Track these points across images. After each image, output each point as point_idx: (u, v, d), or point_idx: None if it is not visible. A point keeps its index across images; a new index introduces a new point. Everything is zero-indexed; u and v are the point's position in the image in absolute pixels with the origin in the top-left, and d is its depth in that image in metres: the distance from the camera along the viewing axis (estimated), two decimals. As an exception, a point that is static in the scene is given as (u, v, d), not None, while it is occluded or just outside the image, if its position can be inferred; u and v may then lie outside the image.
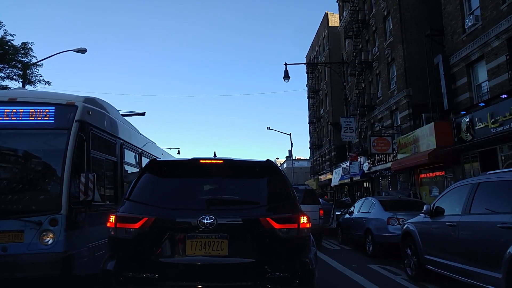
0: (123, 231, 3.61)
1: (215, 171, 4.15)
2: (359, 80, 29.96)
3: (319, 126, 46.74)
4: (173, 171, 4.29)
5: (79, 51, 19.89)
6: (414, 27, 22.60)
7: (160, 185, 4.10)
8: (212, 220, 3.49)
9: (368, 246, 9.91)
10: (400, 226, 8.87)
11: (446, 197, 6.16)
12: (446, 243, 5.65)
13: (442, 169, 19.04)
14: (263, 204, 3.92)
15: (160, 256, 3.55)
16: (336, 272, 7.94)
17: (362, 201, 11.91)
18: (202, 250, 3.49)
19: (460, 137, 16.32)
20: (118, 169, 7.11)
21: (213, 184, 4.31)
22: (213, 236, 3.51)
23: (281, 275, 3.50)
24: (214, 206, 3.74)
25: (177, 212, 3.66)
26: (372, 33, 28.12)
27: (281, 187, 4.08)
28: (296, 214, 3.74)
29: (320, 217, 11.93)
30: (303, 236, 3.71)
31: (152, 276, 3.45)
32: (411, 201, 12.14)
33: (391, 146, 22.70)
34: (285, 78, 20.93)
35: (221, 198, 4.12)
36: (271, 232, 3.56)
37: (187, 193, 3.97)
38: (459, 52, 16.76)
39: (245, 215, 3.66)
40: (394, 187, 24.97)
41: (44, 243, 5.04)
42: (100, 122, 6.30)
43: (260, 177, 4.16)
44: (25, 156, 5.66)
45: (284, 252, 3.61)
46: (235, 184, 4.21)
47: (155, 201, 3.79)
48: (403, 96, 22.68)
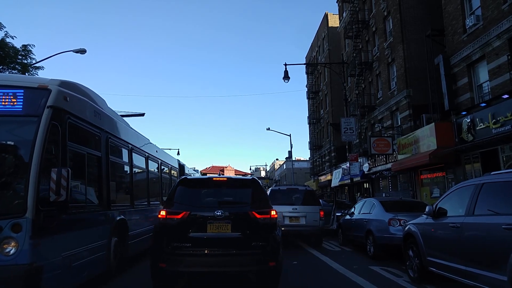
0: (170, 219, 5.73)
1: (222, 184, 6.61)
2: (359, 80, 29.87)
3: (319, 127, 46.64)
4: (198, 184, 6.65)
5: (78, 52, 19.81)
6: (414, 27, 22.51)
7: (190, 192, 6.34)
8: (221, 212, 5.71)
9: (369, 248, 9.81)
10: (402, 227, 8.78)
11: (449, 198, 6.06)
12: (449, 245, 5.55)
13: (442, 170, 18.94)
14: (250, 203, 6.15)
15: (192, 233, 5.68)
16: (336, 274, 7.85)
17: (363, 202, 11.81)
18: (216, 230, 5.69)
19: (461, 137, 16.22)
20: (104, 165, 6.48)
21: (222, 192, 6.47)
22: (223, 222, 5.69)
23: (261, 244, 5.70)
24: (223, 204, 6.02)
25: (201, 209, 5.93)
26: (372, 34, 28.04)
27: (260, 194, 6.38)
28: (269, 209, 6.00)
29: (320, 218, 11.83)
30: (273, 222, 5.99)
31: (187, 245, 5.58)
32: (412, 202, 12.05)
33: (391, 147, 22.59)
34: (285, 79, 20.85)
35: (227, 200, 6.33)
36: (255, 219, 5.82)
37: (206, 197, 6.36)
38: (460, 52, 16.67)
39: (240, 210, 5.99)
40: (394, 188, 24.87)
41: (4, 254, 4.24)
42: (80, 111, 5.60)
43: (248, 187, 6.43)
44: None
45: (262, 231, 5.82)
46: (234, 192, 6.54)
47: (188, 202, 6.01)
48: (404, 97, 22.59)
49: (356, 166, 20.42)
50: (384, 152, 22.71)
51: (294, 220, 11.74)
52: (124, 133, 8.10)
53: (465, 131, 15.91)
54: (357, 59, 29.49)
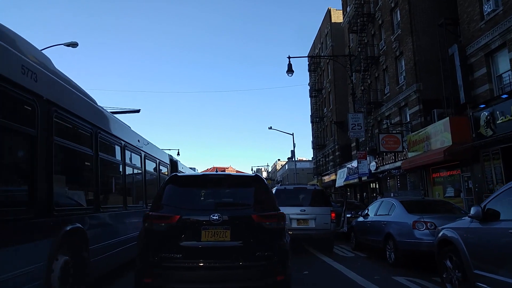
0: (157, 225, 4.85)
1: (219, 182, 5.65)
2: (365, 76, 28.73)
3: (322, 126, 45.44)
4: (191, 182, 5.75)
5: (69, 45, 18.77)
6: (424, 18, 21.42)
7: (181, 192, 5.45)
8: (219, 216, 4.79)
9: (389, 254, 8.67)
10: (429, 231, 7.64)
11: (502, 197, 4.92)
12: (507, 256, 4.42)
13: (457, 168, 17.78)
14: (253, 205, 5.31)
15: (183, 242, 4.76)
16: (357, 287, 6.71)
17: (379, 202, 10.64)
18: (213, 238, 4.77)
19: (479, 132, 15.07)
20: (40, 149, 4.40)
21: (219, 192, 5.53)
22: (220, 227, 4.79)
23: (266, 253, 4.79)
24: (220, 207, 5.06)
25: (195, 212, 4.99)
26: (379, 27, 26.91)
27: (265, 194, 5.43)
28: (276, 212, 5.13)
29: (332, 221, 10.68)
30: (281, 227, 5.09)
31: (178, 255, 4.66)
32: (436, 202, 10.81)
33: (401, 144, 21.44)
34: (288, 72, 19.74)
35: (225, 201, 5.42)
36: (259, 224, 4.92)
37: (201, 198, 5.45)
38: (477, 41, 15.53)
39: (242, 213, 5.06)
40: (403, 188, 23.69)
41: None
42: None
43: (251, 186, 5.55)
44: None
45: (268, 238, 4.90)
46: (234, 191, 5.55)
47: (179, 204, 5.12)
48: (413, 91, 21.46)
49: (365, 165, 19.22)
50: (393, 150, 21.56)
51: (302, 223, 10.59)
52: (85, 108, 5.85)
53: (484, 126, 14.77)
54: (362, 54, 28.36)
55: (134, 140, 8.57)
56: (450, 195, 18.16)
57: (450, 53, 17.01)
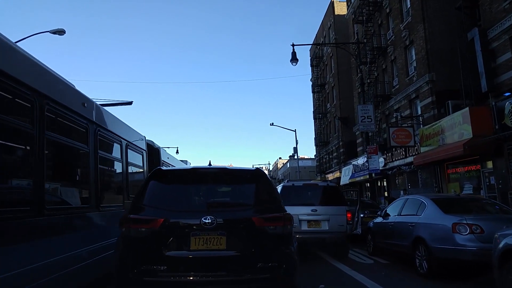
0: (136, 231, 4.05)
1: (213, 178, 4.75)
2: (371, 68, 27.34)
3: (325, 122, 44.00)
4: (178, 178, 4.84)
5: (56, 33, 17.37)
6: (436, 3, 20.07)
7: (167, 190, 4.57)
8: (212, 219, 4.02)
9: (420, 262, 7.27)
10: (474, 235, 6.27)
11: None
12: None
13: (476, 163, 16.39)
14: (254, 205, 4.51)
15: (169, 251, 3.99)
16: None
17: (402, 200, 9.22)
18: (204, 245, 4.02)
19: (504, 123, 13.69)
20: None
21: (213, 189, 4.76)
22: (214, 233, 4.03)
23: (270, 264, 4.08)
24: (214, 207, 4.32)
25: (183, 214, 4.18)
26: (386, 16, 25.50)
27: (268, 192, 4.67)
28: (282, 213, 4.34)
29: (348, 222, 9.30)
30: (287, 231, 4.30)
31: (162, 268, 3.92)
32: (474, 200, 9.17)
33: (412, 138, 20.07)
34: (292, 61, 18.37)
35: (220, 201, 4.65)
36: (261, 229, 4.16)
37: (191, 197, 4.64)
38: (500, 23, 14.15)
39: (239, 215, 4.31)
40: (414, 185, 22.29)
41: None
42: None
43: (251, 182, 4.76)
44: None
45: (272, 245, 4.16)
46: (230, 189, 4.79)
47: (164, 204, 4.28)
48: (425, 82, 20.08)
49: (376, 160, 17.77)
50: (405, 144, 20.19)
51: (313, 225, 9.21)
52: (55, 86, 4.49)
53: (509, 116, 13.41)
54: (368, 45, 26.97)
55: (89, 112, 5.34)
56: (469, 192, 16.77)
57: (470, 37, 15.64)
